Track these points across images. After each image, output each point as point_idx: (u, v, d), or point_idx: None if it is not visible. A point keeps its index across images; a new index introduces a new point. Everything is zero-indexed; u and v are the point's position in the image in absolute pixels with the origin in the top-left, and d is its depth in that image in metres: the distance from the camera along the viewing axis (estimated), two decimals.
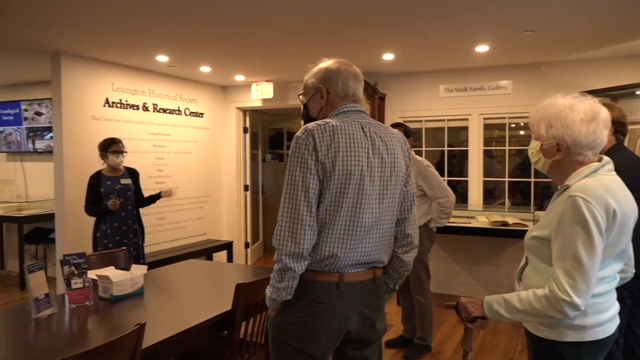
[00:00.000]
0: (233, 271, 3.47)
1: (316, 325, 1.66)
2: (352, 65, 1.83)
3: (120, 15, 3.48)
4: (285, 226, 1.62)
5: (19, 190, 6.52)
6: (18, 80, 6.27)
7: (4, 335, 2.06)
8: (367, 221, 1.67)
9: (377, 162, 1.70)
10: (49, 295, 2.26)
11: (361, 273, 1.72)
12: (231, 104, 6.73)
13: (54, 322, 2.18)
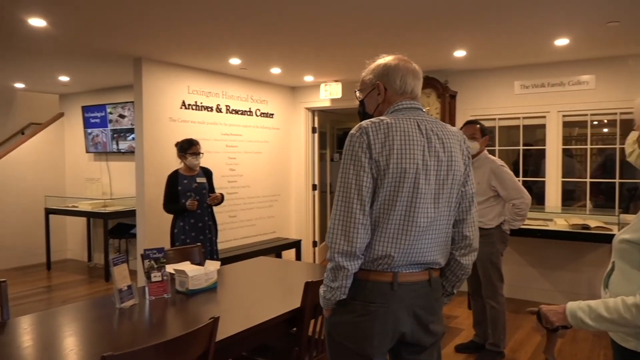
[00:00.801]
0: (301, 269, 3.52)
1: (369, 325, 1.64)
2: (411, 62, 1.79)
3: (196, 21, 3.63)
4: (338, 224, 1.62)
5: (104, 188, 6.98)
6: (104, 85, 6.71)
7: (91, 323, 2.21)
8: (422, 221, 1.64)
9: (433, 160, 1.66)
10: (131, 287, 2.40)
11: (416, 274, 1.68)
12: (300, 105, 6.83)
13: (135, 312, 2.31)
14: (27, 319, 2.23)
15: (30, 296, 5.44)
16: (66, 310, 2.41)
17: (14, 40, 4.15)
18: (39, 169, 7.15)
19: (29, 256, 6.97)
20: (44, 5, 3.27)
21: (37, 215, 6.94)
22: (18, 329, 2.11)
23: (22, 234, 6.90)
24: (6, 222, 6.75)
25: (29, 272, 6.57)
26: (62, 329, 2.15)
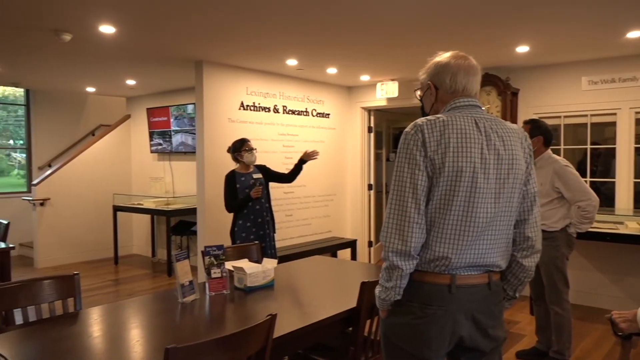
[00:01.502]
0: (357, 269, 3.52)
1: (426, 328, 1.61)
2: (468, 58, 1.73)
3: (255, 23, 3.71)
4: (392, 223, 1.60)
5: (167, 187, 7.26)
6: (168, 88, 6.98)
7: (155, 316, 2.31)
8: (481, 221, 1.58)
9: (493, 158, 1.61)
10: (192, 283, 2.48)
11: (475, 276, 1.63)
12: (356, 104, 6.82)
13: (196, 307, 2.39)
14: (97, 310, 2.36)
15: (99, 289, 5.75)
16: (132, 303, 2.53)
17: (86, 47, 4.39)
18: (108, 168, 7.54)
19: (98, 251, 7.37)
20: (114, 13, 3.45)
21: (106, 212, 7.33)
22: (89, 319, 2.23)
23: (92, 229, 7.31)
24: (78, 219, 7.17)
25: (98, 266, 6.94)
26: (128, 321, 2.25)
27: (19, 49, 4.54)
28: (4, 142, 8.19)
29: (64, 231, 7.02)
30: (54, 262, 6.91)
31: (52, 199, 6.89)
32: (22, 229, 7.36)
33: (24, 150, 8.13)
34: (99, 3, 3.24)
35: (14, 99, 8.10)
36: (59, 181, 6.98)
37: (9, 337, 1.99)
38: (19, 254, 7.39)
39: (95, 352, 1.86)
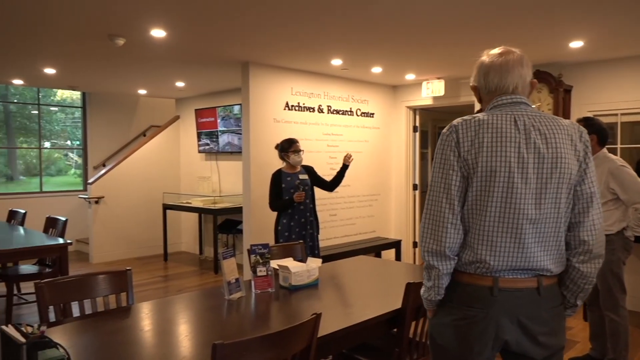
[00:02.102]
0: (402, 270, 3.48)
1: (468, 330, 1.58)
2: (506, 53, 1.65)
3: (300, 24, 3.73)
4: (427, 224, 1.61)
5: (214, 186, 7.42)
6: (215, 89, 7.14)
7: (202, 312, 2.36)
8: (521, 223, 1.53)
9: (532, 157, 1.54)
10: (238, 280, 2.53)
11: (521, 280, 1.56)
12: (401, 103, 6.75)
13: (242, 304, 2.43)
14: (147, 305, 2.44)
15: (149, 284, 5.94)
16: (180, 299, 2.60)
17: (138, 50, 4.55)
18: (158, 167, 7.79)
19: (148, 248, 7.62)
20: (165, 17, 3.56)
21: (156, 210, 7.57)
22: (140, 313, 2.31)
23: (143, 227, 7.57)
24: (130, 216, 7.44)
25: (148, 262, 7.18)
26: (177, 316, 2.32)
27: (77, 54, 4.76)
28: (62, 142, 8.61)
29: (116, 228, 7.31)
30: (108, 257, 7.20)
31: (106, 197, 7.19)
32: (78, 225, 7.72)
33: (81, 151, 8.51)
34: (150, 8, 3.35)
35: (71, 101, 8.49)
36: (112, 180, 7.27)
37: (67, 328, 2.09)
38: (75, 249, 7.75)
39: (146, 345, 1.93)
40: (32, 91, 8.05)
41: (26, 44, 4.38)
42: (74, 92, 8.23)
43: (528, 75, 1.67)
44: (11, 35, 4.06)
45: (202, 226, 7.63)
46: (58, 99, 8.46)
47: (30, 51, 4.67)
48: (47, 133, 8.29)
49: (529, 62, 1.68)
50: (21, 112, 8.12)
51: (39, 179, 8.04)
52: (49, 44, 4.38)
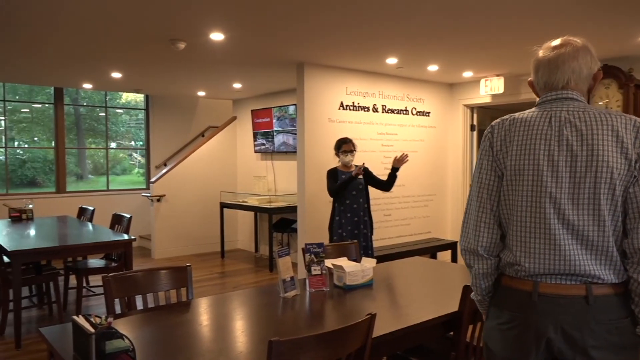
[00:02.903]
0: (458, 272, 3.40)
1: (510, 334, 1.53)
2: (565, 45, 1.54)
3: (356, 24, 3.73)
4: (465, 222, 1.64)
5: (269, 185, 7.54)
6: (271, 90, 7.25)
7: (258, 309, 2.41)
8: (552, 225, 1.45)
9: (564, 156, 1.45)
10: (293, 279, 2.55)
11: (564, 286, 1.46)
12: (458, 102, 6.60)
13: (297, 302, 2.46)
14: (205, 301, 2.51)
15: (207, 280, 6.12)
16: (237, 296, 2.66)
17: (198, 54, 4.70)
18: (216, 167, 8.01)
19: (206, 245, 7.85)
20: (224, 21, 3.65)
21: (213, 208, 7.79)
22: (199, 308, 2.38)
23: (201, 224, 7.81)
24: (190, 214, 7.69)
25: (206, 259, 7.40)
26: (234, 312, 2.37)
27: (141, 59, 4.98)
28: (126, 143, 9.02)
29: (176, 225, 7.58)
30: (168, 253, 7.48)
31: (167, 196, 7.47)
32: (141, 222, 8.07)
33: (144, 151, 8.89)
34: (210, 13, 3.44)
35: (135, 104, 8.89)
36: (172, 179, 7.54)
37: (131, 320, 2.19)
38: (138, 245, 8.10)
39: (204, 339, 1.99)
40: (100, 95, 8.49)
41: (96, 51, 4.62)
42: (138, 95, 8.61)
43: (585, 67, 1.54)
44: (83, 44, 4.30)
45: (258, 224, 7.77)
46: (123, 102, 8.88)
47: (99, 57, 4.93)
48: (113, 134, 8.72)
49: (591, 52, 1.56)
50: (90, 115, 8.58)
51: (106, 177, 8.47)
52: (115, 50, 4.60)
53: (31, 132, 8.04)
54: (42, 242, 4.30)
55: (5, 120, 7.66)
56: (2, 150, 7.62)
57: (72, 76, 6.09)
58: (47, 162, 8.00)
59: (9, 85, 7.58)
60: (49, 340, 1.90)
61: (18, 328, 3.91)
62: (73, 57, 4.92)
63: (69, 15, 3.50)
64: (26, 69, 5.63)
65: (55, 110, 7.89)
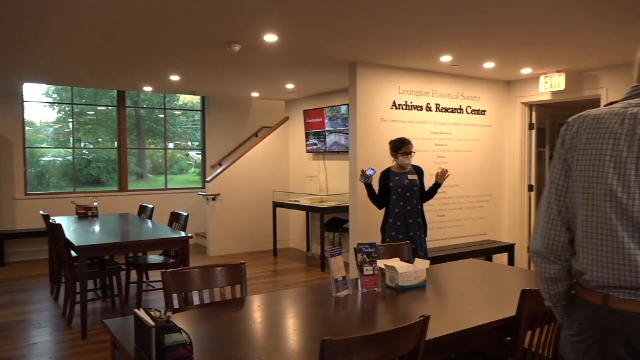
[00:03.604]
0: (515, 275, 3.29)
1: (579, 347, 1.41)
2: None
3: (409, 22, 3.68)
4: (537, 221, 1.55)
5: (321, 185, 7.58)
6: (323, 90, 7.29)
7: (310, 307, 2.43)
8: (618, 232, 1.31)
9: (634, 157, 1.31)
10: (345, 278, 2.56)
11: (637, 303, 1.29)
12: (515, 99, 6.38)
13: (349, 302, 2.46)
14: (258, 298, 2.56)
15: (260, 278, 6.23)
16: (289, 294, 2.69)
17: (252, 55, 4.79)
18: (268, 166, 8.14)
19: (259, 243, 7.99)
20: (277, 23, 3.70)
21: (266, 207, 7.92)
22: (252, 305, 2.43)
23: (254, 223, 7.96)
24: (243, 213, 7.85)
25: (259, 257, 7.53)
26: (286, 310, 2.40)
27: (197, 62, 5.13)
28: (183, 143, 9.33)
29: (231, 224, 7.76)
30: (223, 251, 7.67)
31: (221, 194, 7.66)
32: (197, 220, 8.32)
33: (200, 151, 9.16)
34: (265, 15, 3.50)
35: (192, 105, 9.17)
36: (227, 178, 7.73)
37: (188, 315, 2.26)
38: (194, 242, 8.35)
39: (258, 336, 2.02)
40: (159, 97, 8.82)
41: (156, 55, 4.81)
42: (194, 96, 8.88)
43: None
44: (145, 49, 4.49)
45: (310, 224, 7.83)
46: (180, 104, 9.18)
47: (160, 61, 5.12)
48: (171, 135, 9.03)
49: None
50: (149, 116, 8.93)
51: (164, 176, 8.79)
52: (174, 54, 4.77)
53: (96, 133, 8.46)
54: (105, 238, 4.52)
55: (73, 122, 8.10)
56: (70, 151, 8.07)
57: (134, 80, 6.36)
58: (110, 161, 8.40)
59: (76, 89, 8.02)
60: (113, 331, 2.00)
61: (84, 319, 4.13)
62: (135, 62, 5.13)
63: (133, 23, 3.66)
64: (92, 74, 5.93)
65: (118, 112, 8.27)
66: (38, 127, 7.97)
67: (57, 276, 5.20)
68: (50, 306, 5.04)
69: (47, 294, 5.47)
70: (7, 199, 7.27)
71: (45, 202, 7.49)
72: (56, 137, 8.15)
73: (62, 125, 8.15)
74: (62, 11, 3.41)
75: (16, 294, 5.49)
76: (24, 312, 4.85)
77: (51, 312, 4.82)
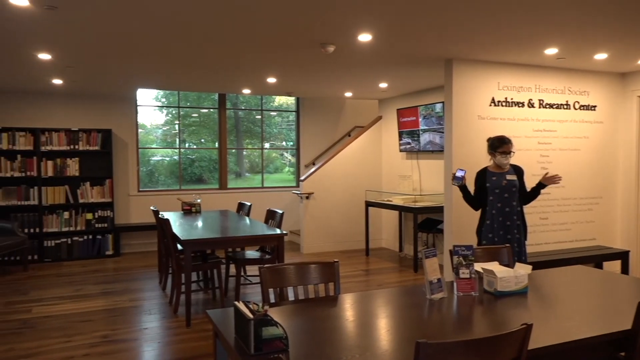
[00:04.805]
0: (630, 285, 3.01)
1: None
2: None
3: (508, 13, 3.50)
4: None
5: (415, 185, 7.46)
6: (416, 88, 7.17)
7: (403, 309, 2.39)
8: None
9: None
10: (440, 281, 2.49)
11: None
12: (632, 93, 5.83)
13: (444, 305, 2.39)
14: (351, 297, 2.57)
15: (352, 277, 6.26)
16: (381, 294, 2.67)
17: (346, 55, 4.83)
18: (361, 166, 8.16)
19: (351, 242, 8.03)
20: (372, 22, 3.70)
21: (359, 206, 7.95)
22: (345, 303, 2.45)
23: (347, 222, 8.02)
24: (336, 212, 7.94)
25: (351, 255, 7.57)
26: (379, 310, 2.39)
27: (293, 64, 5.27)
28: (278, 143, 9.63)
29: (323, 222, 7.88)
30: (316, 249, 7.81)
31: (315, 193, 7.80)
32: (291, 218, 8.56)
33: (294, 151, 9.40)
34: (360, 14, 3.52)
35: (287, 106, 9.44)
36: (320, 178, 7.86)
37: (283, 310, 2.33)
38: (289, 239, 8.59)
39: (350, 334, 2.03)
40: (256, 99, 9.17)
41: (255, 59, 5.01)
42: (289, 97, 9.13)
43: None
44: (244, 54, 4.70)
45: (402, 224, 7.73)
46: (276, 105, 9.48)
47: (258, 64, 5.33)
48: (267, 135, 9.36)
49: None
50: (247, 118, 9.33)
51: (261, 175, 9.14)
52: (272, 57, 4.94)
53: (199, 134, 9.00)
54: (207, 233, 4.79)
55: (179, 124, 8.68)
56: (176, 151, 8.66)
57: (234, 83, 6.68)
58: (211, 161, 8.89)
59: (182, 93, 8.59)
60: (215, 322, 2.11)
61: (188, 309, 4.41)
62: (236, 66, 5.39)
63: (235, 29, 3.84)
64: (196, 79, 6.32)
65: (219, 114, 8.73)
66: (149, 129, 8.64)
67: (164, 267, 5.61)
68: (159, 295, 5.44)
69: (156, 284, 5.92)
70: (122, 196, 7.96)
71: (155, 198, 8.11)
72: (164, 138, 8.78)
73: (169, 127, 8.76)
74: (173, 27, 3.67)
75: (130, 282, 6.00)
76: (136, 299, 5.29)
77: (159, 301, 5.21)
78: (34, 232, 7.19)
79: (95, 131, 7.52)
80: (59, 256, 7.35)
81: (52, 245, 7.33)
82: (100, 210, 7.59)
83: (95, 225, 7.54)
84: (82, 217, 7.50)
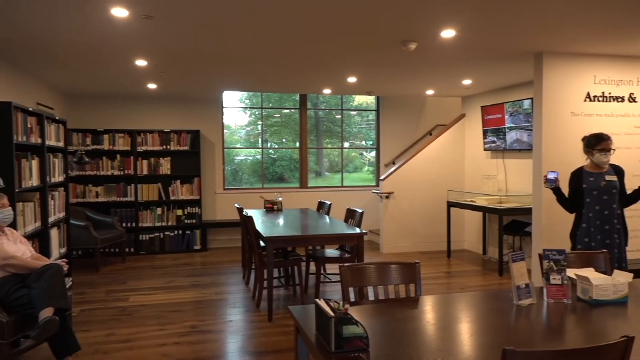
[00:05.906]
0: None
1: None
2: None
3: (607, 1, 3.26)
4: None
5: (500, 185, 7.15)
6: (502, 85, 6.86)
7: (487, 313, 2.30)
8: None
9: None
10: (529, 286, 2.37)
11: None
12: None
13: (532, 312, 2.28)
14: (432, 299, 2.52)
15: (433, 278, 6.13)
16: (464, 297, 2.59)
17: (428, 52, 4.73)
18: (443, 165, 7.96)
19: (432, 243, 7.86)
20: (456, 17, 3.59)
21: (440, 207, 7.76)
22: (425, 305, 2.40)
23: (428, 223, 7.86)
24: (416, 212, 7.81)
25: (432, 257, 7.41)
26: (461, 314, 2.32)
27: (374, 62, 5.25)
28: (358, 143, 9.63)
29: (403, 222, 7.77)
30: (395, 249, 7.73)
31: (395, 193, 7.72)
32: (371, 217, 8.53)
33: (374, 150, 9.36)
34: (443, 10, 3.43)
35: (366, 105, 9.42)
36: (400, 177, 7.76)
37: (363, 309, 2.33)
38: (368, 239, 8.57)
39: (432, 337, 1.99)
40: (336, 99, 9.24)
41: (336, 58, 5.05)
42: (369, 97, 9.10)
43: None
44: (326, 53, 4.75)
45: (487, 226, 7.44)
46: (356, 104, 9.49)
47: (339, 64, 5.37)
48: (346, 135, 9.40)
49: None
50: (327, 117, 9.42)
51: (340, 174, 9.19)
52: (353, 56, 4.95)
53: (280, 134, 9.23)
54: (289, 230, 4.89)
55: (262, 124, 8.95)
56: (259, 151, 8.93)
57: (315, 83, 6.78)
58: (292, 160, 9.07)
59: (264, 94, 8.84)
60: (296, 317, 2.16)
61: (270, 304, 4.54)
62: (318, 66, 5.46)
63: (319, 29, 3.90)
64: (279, 80, 6.48)
65: (300, 114, 8.89)
66: (233, 130, 8.99)
67: (248, 263, 5.81)
68: (242, 289, 5.65)
69: (240, 278, 6.15)
70: (210, 193, 8.35)
71: (239, 196, 8.43)
72: (247, 139, 9.09)
73: (252, 127, 9.06)
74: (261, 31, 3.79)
75: (216, 276, 6.28)
76: (221, 292, 5.53)
77: (243, 295, 5.41)
78: (130, 226, 7.73)
79: (185, 132, 7.95)
80: (152, 249, 7.86)
81: (146, 239, 7.85)
82: (189, 207, 8.01)
83: (184, 221, 7.98)
84: (173, 213, 7.96)
